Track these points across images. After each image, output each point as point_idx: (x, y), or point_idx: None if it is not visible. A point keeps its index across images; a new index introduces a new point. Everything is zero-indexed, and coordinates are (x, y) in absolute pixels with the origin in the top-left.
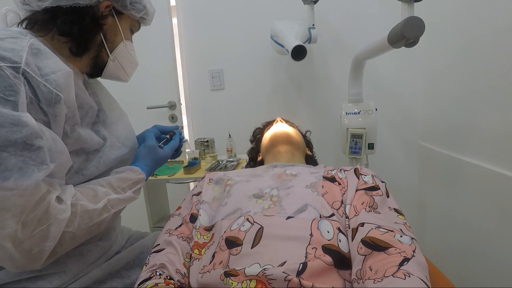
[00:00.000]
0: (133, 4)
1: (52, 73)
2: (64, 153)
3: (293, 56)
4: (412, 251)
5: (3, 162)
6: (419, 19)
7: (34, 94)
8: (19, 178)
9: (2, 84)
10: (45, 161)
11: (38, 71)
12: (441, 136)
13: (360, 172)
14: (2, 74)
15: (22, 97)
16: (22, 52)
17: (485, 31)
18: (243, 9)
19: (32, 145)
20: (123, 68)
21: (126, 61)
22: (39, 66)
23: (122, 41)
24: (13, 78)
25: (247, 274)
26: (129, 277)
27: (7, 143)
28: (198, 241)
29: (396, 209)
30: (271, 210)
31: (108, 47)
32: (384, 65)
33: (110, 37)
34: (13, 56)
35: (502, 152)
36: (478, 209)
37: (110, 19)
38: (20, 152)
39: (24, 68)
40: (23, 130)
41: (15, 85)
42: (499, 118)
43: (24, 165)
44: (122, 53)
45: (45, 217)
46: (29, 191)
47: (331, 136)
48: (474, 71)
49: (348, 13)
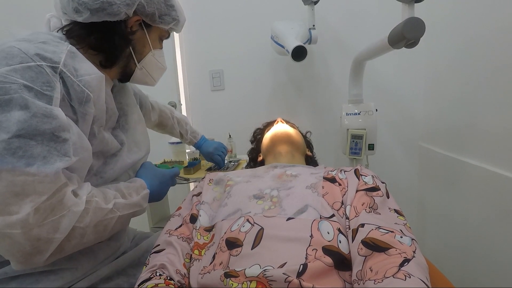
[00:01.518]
0: (162, 17)
1: (86, 74)
2: (88, 151)
3: (293, 56)
4: (412, 252)
5: (29, 149)
6: (420, 20)
7: (67, 93)
8: (42, 165)
9: (41, 80)
10: (68, 153)
11: (74, 72)
12: (441, 137)
13: (361, 173)
14: (42, 71)
15: (57, 93)
16: (62, 54)
17: (485, 32)
18: (243, 10)
19: (59, 137)
20: (150, 75)
21: (154, 68)
22: (75, 67)
23: (150, 51)
24: (52, 76)
25: (247, 275)
26: (134, 276)
27: (36, 132)
28: (198, 242)
29: (396, 210)
30: (271, 211)
31: (136, 57)
32: (384, 66)
33: (139, 49)
34: (54, 57)
35: (502, 153)
36: (478, 210)
37: (140, 32)
38: (46, 142)
39: (62, 69)
40: (53, 122)
41: (52, 82)
42: (499, 119)
43: (48, 154)
44: (150, 62)
45: (59, 207)
46: (49, 179)
47: (331, 137)
48: (474, 72)
49: (348, 14)
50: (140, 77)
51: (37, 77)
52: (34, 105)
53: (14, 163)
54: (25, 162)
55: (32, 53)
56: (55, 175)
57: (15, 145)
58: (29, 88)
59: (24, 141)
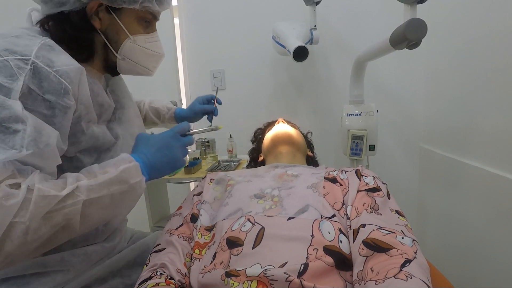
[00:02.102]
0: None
1: (64, 65)
2: (50, 146)
3: (294, 57)
4: (413, 253)
5: None
6: (422, 21)
7: (38, 85)
8: None
9: (4, 73)
10: (15, 146)
11: (50, 63)
12: (441, 138)
13: (362, 173)
14: (6, 65)
15: (18, 86)
16: (34, 47)
17: (486, 33)
18: (245, 10)
19: (9, 128)
20: (138, 64)
21: (140, 56)
22: (51, 59)
23: (127, 38)
24: (16, 68)
25: (248, 274)
26: (129, 277)
27: None
28: (199, 241)
29: (397, 211)
30: (272, 210)
31: (112, 46)
32: (385, 67)
33: (112, 37)
34: (24, 50)
35: (503, 154)
36: (478, 211)
37: (107, 18)
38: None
39: (34, 60)
40: (3, 111)
41: (14, 75)
42: (499, 120)
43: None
44: (132, 49)
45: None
46: None
47: (332, 137)
48: (475, 73)
49: (350, 15)
50: (127, 67)
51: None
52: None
53: None
54: None
55: (1, 49)
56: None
57: None
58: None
59: None
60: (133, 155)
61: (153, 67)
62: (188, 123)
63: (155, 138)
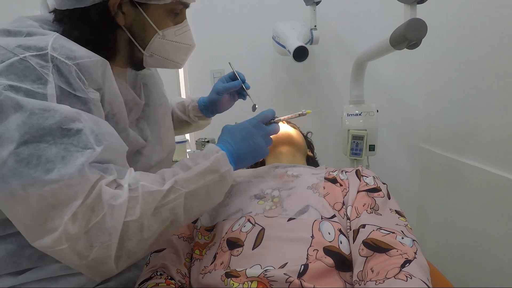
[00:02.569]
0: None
1: (86, 57)
2: (114, 135)
3: (294, 57)
4: (413, 253)
5: (43, 153)
6: (422, 21)
7: (66, 83)
8: (63, 167)
9: (30, 77)
10: (88, 144)
11: (69, 53)
12: (442, 138)
13: (362, 174)
14: (28, 65)
15: (51, 89)
16: (49, 38)
17: (487, 34)
18: (245, 10)
19: (70, 130)
20: (167, 59)
21: (171, 51)
22: (71, 48)
23: (156, 34)
24: (40, 68)
25: (248, 275)
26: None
27: (42, 132)
28: (199, 242)
29: (398, 211)
30: (272, 211)
31: (138, 43)
32: (385, 67)
33: (139, 33)
34: (38, 43)
35: (503, 155)
36: (479, 211)
37: (132, 13)
38: (59, 140)
39: (52, 54)
40: (55, 114)
41: (43, 77)
42: (500, 121)
43: (66, 153)
44: (161, 45)
45: (99, 206)
46: (76, 180)
47: (332, 138)
48: (476, 74)
49: (350, 15)
50: (155, 63)
51: (24, 74)
52: (27, 102)
53: (32, 174)
54: (42, 170)
55: (13, 46)
56: (81, 173)
57: (26, 154)
58: (17, 88)
59: (33, 147)
60: (219, 145)
61: (183, 60)
62: (273, 110)
63: (238, 127)
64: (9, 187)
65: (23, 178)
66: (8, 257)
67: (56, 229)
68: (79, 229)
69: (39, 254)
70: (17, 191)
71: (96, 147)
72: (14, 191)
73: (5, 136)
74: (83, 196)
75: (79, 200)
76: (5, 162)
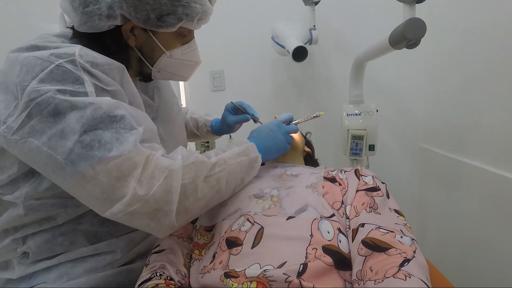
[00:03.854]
0: (163, 19)
1: (106, 64)
2: (147, 118)
3: (294, 57)
4: (412, 252)
5: (101, 137)
6: (421, 20)
7: (98, 80)
8: (120, 146)
9: (69, 80)
10: (133, 126)
11: (93, 60)
12: (442, 138)
13: (361, 173)
14: (65, 70)
15: (89, 87)
16: (76, 48)
17: (485, 32)
18: (244, 10)
19: (116, 116)
20: (174, 74)
21: (177, 67)
22: (94, 56)
23: (164, 54)
24: (75, 71)
25: (247, 275)
26: None
27: (96, 121)
28: (198, 242)
29: (397, 210)
30: (271, 210)
31: (147, 61)
32: (385, 67)
33: (148, 53)
34: (67, 51)
35: (503, 154)
36: (478, 211)
37: (142, 35)
38: (109, 125)
39: (79, 60)
40: (102, 106)
41: (79, 78)
42: (500, 120)
43: (118, 135)
44: (168, 63)
45: (159, 171)
46: (133, 152)
47: (332, 137)
48: (475, 73)
49: (349, 15)
50: (162, 77)
51: (64, 78)
52: (78, 101)
53: (97, 155)
54: (104, 149)
55: (47, 55)
56: (136, 147)
57: (88, 140)
58: (63, 91)
59: (92, 134)
60: (249, 139)
61: (189, 74)
62: (291, 114)
63: (263, 127)
64: (79, 169)
65: (90, 159)
66: (44, 244)
67: (124, 195)
68: (146, 191)
69: (69, 241)
70: (87, 171)
71: (139, 128)
72: (85, 172)
73: (67, 131)
74: (142, 165)
75: (139, 168)
76: (72, 150)
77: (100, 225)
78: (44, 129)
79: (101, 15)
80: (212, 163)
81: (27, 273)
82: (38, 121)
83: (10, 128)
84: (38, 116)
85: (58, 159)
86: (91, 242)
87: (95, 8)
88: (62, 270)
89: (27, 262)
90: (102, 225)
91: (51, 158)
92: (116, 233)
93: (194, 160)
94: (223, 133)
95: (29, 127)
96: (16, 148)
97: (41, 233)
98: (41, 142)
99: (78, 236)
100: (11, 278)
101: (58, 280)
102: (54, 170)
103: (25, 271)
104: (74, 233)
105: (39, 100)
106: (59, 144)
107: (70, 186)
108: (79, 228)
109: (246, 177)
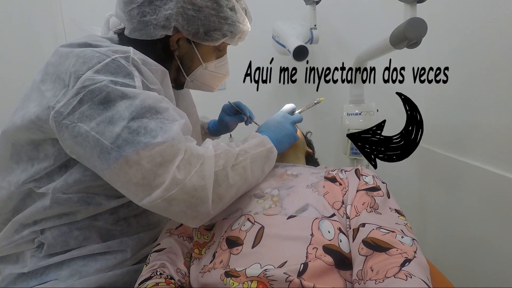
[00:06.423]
0: (209, 34)
1: (153, 65)
2: (186, 115)
3: (294, 56)
4: (413, 252)
5: (147, 125)
6: (422, 20)
7: (144, 78)
8: (164, 133)
9: (122, 73)
10: (175, 117)
11: (144, 59)
12: (442, 137)
13: (361, 173)
14: (120, 64)
15: (138, 82)
16: (129, 47)
17: (486, 32)
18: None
19: (161, 107)
20: (205, 85)
21: (208, 79)
22: (144, 56)
23: (200, 65)
24: (128, 66)
25: (248, 275)
26: None
27: (144, 110)
28: (199, 241)
29: (397, 210)
30: (272, 209)
31: (184, 71)
32: (385, 66)
33: (187, 63)
34: (122, 49)
35: (504, 154)
36: (479, 211)
37: (186, 47)
38: (155, 116)
39: (133, 57)
40: (149, 97)
41: (131, 73)
42: (500, 120)
43: (162, 125)
44: (202, 75)
45: (195, 158)
46: (176, 140)
47: (332, 137)
48: (475, 73)
49: (350, 14)
50: (193, 86)
51: (117, 71)
52: (128, 91)
53: (143, 140)
54: (150, 136)
55: (104, 50)
56: (179, 136)
57: (135, 127)
58: (115, 82)
59: (139, 121)
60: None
61: (216, 85)
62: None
63: (270, 120)
64: (124, 154)
65: (136, 145)
66: (60, 236)
67: (164, 182)
68: (184, 176)
69: (84, 236)
70: (131, 156)
71: (180, 119)
72: (129, 156)
73: (116, 117)
74: (183, 152)
75: (180, 156)
76: (119, 135)
77: (114, 224)
78: (93, 115)
79: (156, 25)
80: (237, 153)
81: (40, 267)
82: (88, 108)
83: (60, 113)
84: (89, 103)
85: (105, 143)
86: (103, 239)
87: (152, 18)
88: (74, 268)
89: (40, 255)
90: (116, 223)
91: (98, 142)
92: (128, 233)
93: (223, 149)
94: (220, 133)
95: (79, 112)
96: (66, 132)
97: (59, 227)
98: (90, 127)
99: (93, 232)
100: (22, 272)
101: (69, 278)
102: (99, 155)
103: (37, 264)
104: (89, 229)
105: (93, 87)
106: (107, 129)
107: (112, 173)
108: (94, 224)
109: (265, 167)
